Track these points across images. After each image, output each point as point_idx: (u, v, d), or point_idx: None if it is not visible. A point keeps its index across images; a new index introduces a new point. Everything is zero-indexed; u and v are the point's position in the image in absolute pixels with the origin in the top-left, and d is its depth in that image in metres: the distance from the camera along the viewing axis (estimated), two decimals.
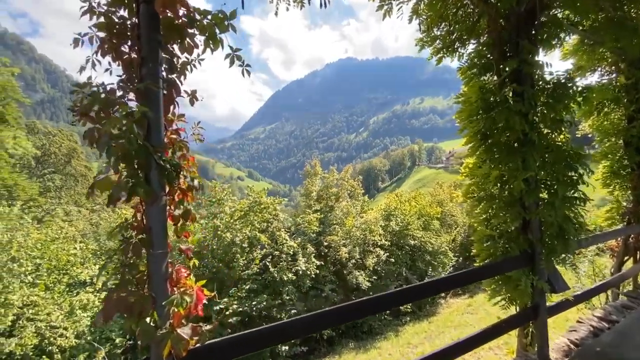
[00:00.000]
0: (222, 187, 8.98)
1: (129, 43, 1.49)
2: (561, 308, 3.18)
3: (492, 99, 2.60)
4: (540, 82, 2.77)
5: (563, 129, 2.76)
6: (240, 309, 7.76)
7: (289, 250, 8.64)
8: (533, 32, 2.66)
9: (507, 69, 2.63)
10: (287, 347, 8.40)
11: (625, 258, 4.90)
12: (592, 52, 4.32)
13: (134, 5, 1.46)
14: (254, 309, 8.00)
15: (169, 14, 1.47)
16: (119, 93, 1.43)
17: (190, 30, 1.54)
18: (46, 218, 14.79)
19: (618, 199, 4.93)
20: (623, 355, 2.91)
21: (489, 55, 2.80)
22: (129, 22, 1.49)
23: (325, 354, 9.09)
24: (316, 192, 10.90)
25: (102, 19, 1.45)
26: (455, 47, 3.30)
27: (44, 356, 4.89)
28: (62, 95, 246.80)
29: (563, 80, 2.68)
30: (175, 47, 1.57)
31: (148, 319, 1.36)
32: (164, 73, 1.50)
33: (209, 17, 1.54)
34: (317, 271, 8.77)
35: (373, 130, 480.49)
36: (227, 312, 7.58)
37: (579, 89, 2.68)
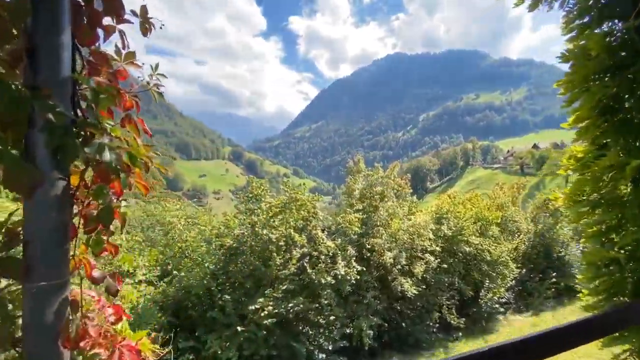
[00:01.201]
0: (259, 182, 8.68)
1: None
2: None
3: (624, 53, 1.71)
4: None
5: None
6: (276, 311, 7.38)
7: (327, 251, 8.06)
8: None
9: None
10: (324, 355, 7.87)
11: None
12: None
13: None
14: (291, 311, 7.57)
15: None
16: None
17: None
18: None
19: None
20: None
21: None
22: None
23: None
24: (359, 190, 10.16)
25: None
26: None
27: None
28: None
29: None
30: None
31: None
32: None
33: None
34: (358, 277, 8.07)
35: (422, 127, 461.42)
36: (263, 313, 7.24)
37: None
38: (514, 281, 11.60)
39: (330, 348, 7.90)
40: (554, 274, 12.52)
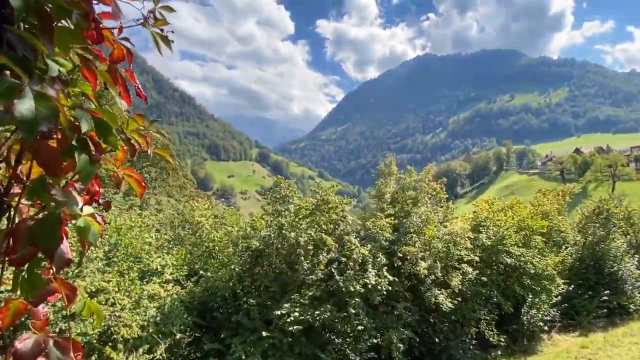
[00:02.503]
0: (287, 183, 8.46)
1: None
2: None
3: None
4: None
5: None
6: (302, 317, 7.08)
7: (357, 257, 7.66)
8: None
9: None
10: None
11: None
12: None
13: None
14: (317, 318, 7.25)
15: None
16: None
17: None
18: (138, 206, 16.51)
19: None
20: None
21: None
22: None
23: None
24: (390, 194, 9.68)
25: None
26: None
27: (107, 346, 4.89)
28: (165, 101, 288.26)
29: None
30: None
31: None
32: None
33: None
34: (389, 287, 7.60)
35: (452, 130, 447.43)
36: (289, 319, 6.97)
37: None
38: (559, 297, 10.57)
39: (358, 359, 7.49)
40: (606, 292, 11.30)
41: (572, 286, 11.18)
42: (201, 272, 8.01)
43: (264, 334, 6.85)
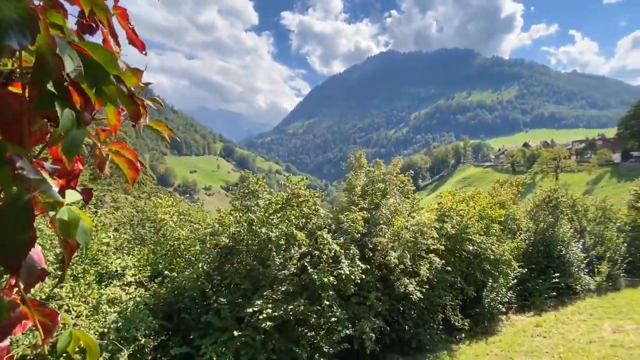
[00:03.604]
0: (256, 177, 8.21)
1: None
2: None
3: None
4: None
5: None
6: (275, 313, 6.95)
7: (330, 251, 7.65)
8: None
9: None
10: None
11: None
12: None
13: None
14: (291, 313, 7.16)
15: None
16: None
17: None
18: (93, 204, 15.27)
19: None
20: None
21: None
22: None
23: None
24: (360, 186, 9.77)
25: None
26: None
27: (61, 358, 4.43)
28: None
29: None
30: None
31: None
32: None
33: None
34: (363, 276, 7.69)
35: (414, 125, 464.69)
36: (261, 316, 6.81)
37: None
38: (515, 280, 11.40)
39: (331, 351, 7.52)
40: (556, 274, 12.38)
41: (526, 270, 12.09)
42: (166, 272, 7.56)
43: (235, 333, 6.63)
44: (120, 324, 5.63)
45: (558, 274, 12.37)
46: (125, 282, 6.38)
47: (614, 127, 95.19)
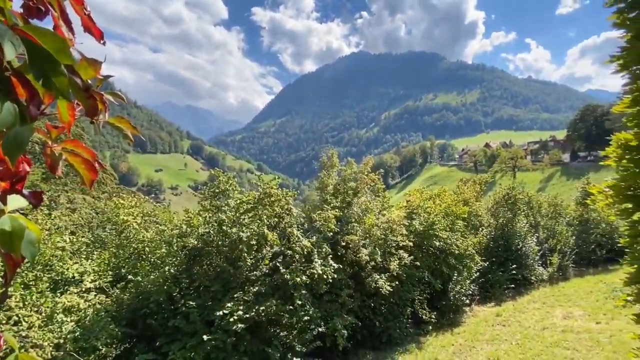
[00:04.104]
0: (226, 176, 8.01)
1: None
2: None
3: None
4: None
5: None
6: (247, 315, 6.83)
7: (302, 250, 7.65)
8: None
9: None
10: (298, 359, 7.48)
11: None
12: None
13: None
14: (263, 314, 7.07)
15: None
16: None
17: None
18: (46, 206, 14.12)
19: None
20: None
21: None
22: None
23: None
24: (333, 185, 9.85)
25: None
26: None
27: None
28: None
29: None
30: None
31: None
32: None
33: None
34: (335, 275, 7.76)
35: (384, 126, 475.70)
36: (232, 319, 6.66)
37: None
38: (478, 273, 12.06)
39: (304, 350, 7.53)
40: (514, 266, 13.24)
41: (487, 263, 12.84)
42: (130, 276, 7.18)
43: (205, 337, 6.44)
44: (78, 333, 5.26)
45: (516, 266, 13.26)
46: (83, 289, 5.97)
47: (564, 130, 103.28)
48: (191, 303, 6.75)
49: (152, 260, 7.81)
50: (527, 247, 13.89)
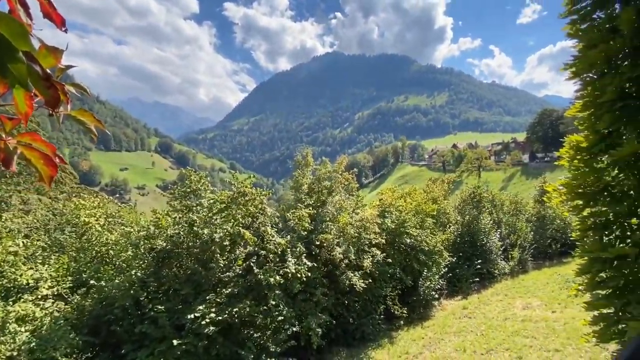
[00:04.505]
0: (198, 175, 7.78)
1: None
2: None
3: None
4: None
5: None
6: (219, 317, 6.68)
7: (276, 249, 7.59)
8: None
9: None
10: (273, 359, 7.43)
11: None
12: None
13: None
14: (236, 316, 6.94)
15: None
16: None
17: None
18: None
19: None
20: None
21: None
22: None
23: None
24: (307, 184, 9.86)
25: None
26: None
27: None
28: None
29: None
30: None
31: None
32: None
33: None
34: (309, 274, 7.77)
35: (358, 126, 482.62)
36: (204, 322, 6.48)
37: None
38: (446, 269, 12.56)
39: (278, 350, 7.48)
40: (479, 261, 13.94)
41: (455, 258, 13.41)
42: (92, 281, 6.78)
43: (174, 342, 6.22)
44: (33, 344, 4.89)
45: (480, 261, 13.97)
46: (39, 296, 5.55)
47: (524, 132, 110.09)
48: (160, 307, 6.48)
49: (117, 263, 7.43)
50: (491, 243, 14.66)
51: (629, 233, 1.85)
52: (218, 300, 6.93)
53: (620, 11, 1.90)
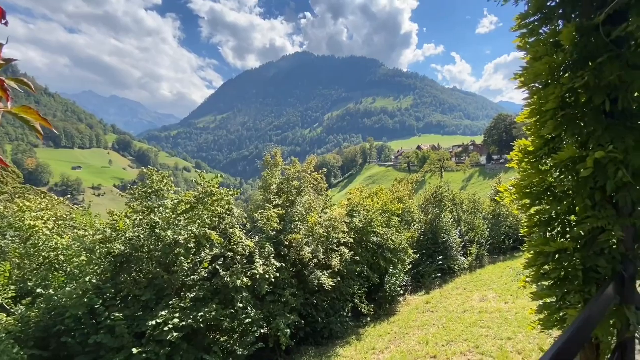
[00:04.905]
0: (160, 174, 7.43)
1: None
2: None
3: (594, 40, 1.80)
4: None
5: None
6: (184, 323, 6.44)
7: (244, 250, 7.45)
8: None
9: None
10: None
11: None
12: None
13: None
14: (201, 320, 6.72)
15: None
16: None
17: None
18: None
19: None
20: None
21: None
22: None
23: None
24: (276, 184, 9.78)
25: None
26: None
27: None
28: None
29: None
30: None
31: None
32: None
33: None
34: (277, 274, 7.72)
35: (327, 126, 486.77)
36: (166, 328, 6.21)
37: None
38: (411, 265, 13.05)
39: (246, 354, 7.35)
40: (440, 257, 14.63)
41: (419, 255, 13.97)
42: (39, 290, 6.24)
43: (134, 350, 5.90)
44: None
45: (442, 257, 14.68)
46: None
47: (482, 135, 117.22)
48: (117, 315, 6.11)
49: (69, 270, 6.89)
50: (451, 240, 15.45)
51: (568, 229, 2.08)
52: (182, 305, 6.67)
53: (562, 27, 2.12)
